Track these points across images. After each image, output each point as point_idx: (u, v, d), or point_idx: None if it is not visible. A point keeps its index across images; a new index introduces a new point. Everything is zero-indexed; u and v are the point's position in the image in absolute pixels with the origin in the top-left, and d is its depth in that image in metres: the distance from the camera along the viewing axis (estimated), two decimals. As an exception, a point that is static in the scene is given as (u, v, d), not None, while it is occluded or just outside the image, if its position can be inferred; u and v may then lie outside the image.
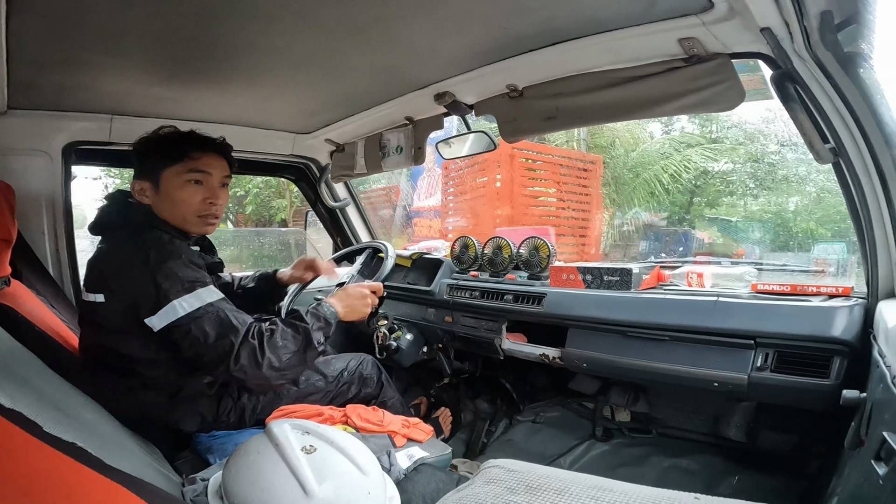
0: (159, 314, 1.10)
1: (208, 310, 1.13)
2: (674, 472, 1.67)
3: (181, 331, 1.10)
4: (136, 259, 1.13)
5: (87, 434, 0.78)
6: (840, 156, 1.10)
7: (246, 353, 1.11)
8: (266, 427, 0.88)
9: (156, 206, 1.28)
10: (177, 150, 1.28)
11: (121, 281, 1.14)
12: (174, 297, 1.10)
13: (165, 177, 1.27)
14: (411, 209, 7.46)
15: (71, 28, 1.14)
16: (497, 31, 1.23)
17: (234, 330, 1.12)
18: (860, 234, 1.19)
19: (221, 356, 1.10)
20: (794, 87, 1.05)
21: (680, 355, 1.41)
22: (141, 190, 1.28)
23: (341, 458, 0.85)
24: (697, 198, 8.01)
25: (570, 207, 6.22)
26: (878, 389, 0.90)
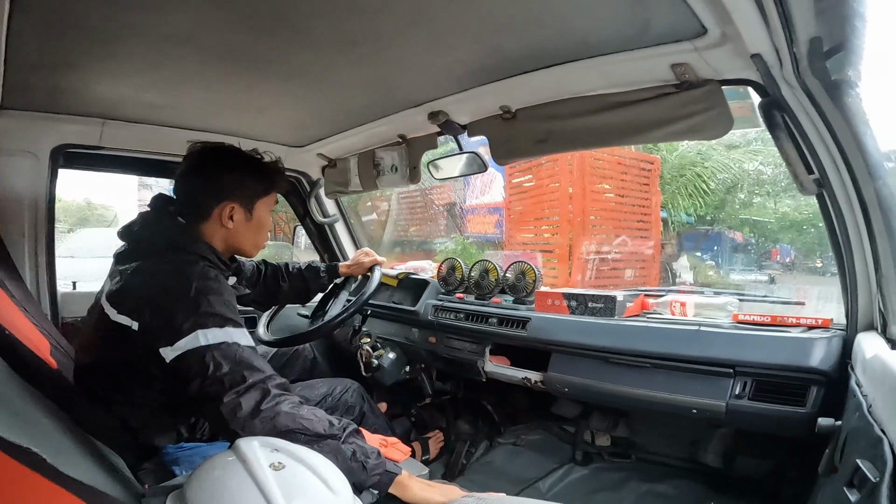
0: (178, 345, 1.00)
1: (231, 346, 1.02)
2: (651, 497, 1.66)
3: (193, 358, 1.00)
4: (178, 289, 1.05)
5: (46, 441, 0.75)
6: (824, 187, 1.12)
7: (254, 396, 0.98)
8: (234, 443, 0.86)
9: (239, 232, 1.23)
10: (272, 181, 1.28)
11: (154, 310, 1.05)
12: (200, 329, 1.01)
13: (260, 206, 1.25)
14: (464, 207, 7.77)
15: (69, 31, 1.15)
16: (491, 52, 1.25)
17: (252, 369, 1.01)
18: (840, 266, 1.21)
19: (221, 389, 0.97)
20: (781, 115, 1.07)
21: (660, 382, 1.41)
22: (230, 213, 1.21)
23: (311, 476, 0.82)
24: (731, 197, 8.06)
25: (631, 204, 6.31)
26: (854, 418, 0.91)
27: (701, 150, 7.95)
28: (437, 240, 8.40)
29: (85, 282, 2.16)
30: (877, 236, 1.07)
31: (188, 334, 1.00)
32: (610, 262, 5.96)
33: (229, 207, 1.20)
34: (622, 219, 6.20)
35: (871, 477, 0.68)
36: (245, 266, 1.70)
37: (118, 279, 1.14)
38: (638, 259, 6.20)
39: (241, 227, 1.23)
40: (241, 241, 1.25)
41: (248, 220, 1.24)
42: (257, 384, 0.99)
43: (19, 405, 0.82)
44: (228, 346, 1.02)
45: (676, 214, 7.45)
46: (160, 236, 1.17)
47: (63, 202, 16.47)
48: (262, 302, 1.83)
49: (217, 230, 1.22)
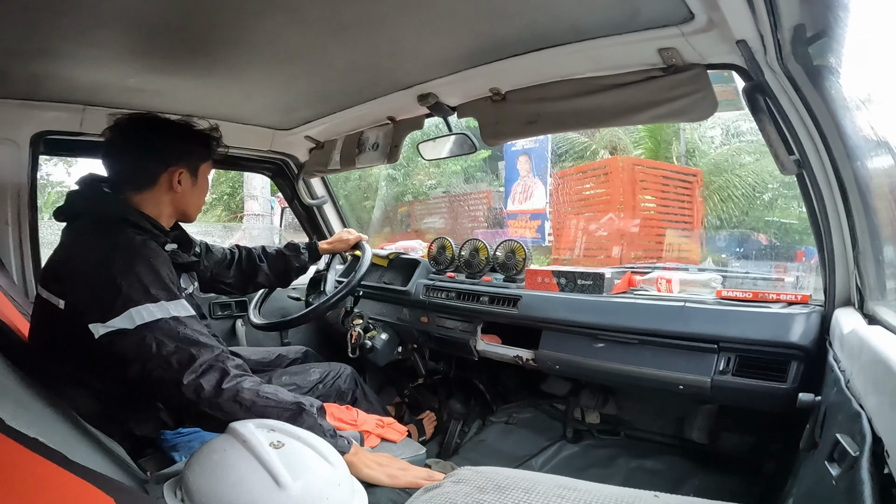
0: (110, 322, 0.96)
1: (170, 323, 0.99)
2: (640, 473, 1.71)
3: (130, 340, 0.96)
4: (100, 262, 1.02)
5: (49, 429, 0.76)
6: (804, 167, 1.15)
7: (212, 373, 0.97)
8: (228, 427, 0.87)
9: (184, 196, 1.25)
10: (211, 145, 1.31)
11: (80, 285, 1.03)
12: (133, 306, 0.97)
13: (203, 170, 1.29)
14: (505, 212, 7.94)
15: (47, 17, 1.11)
16: (481, 35, 1.24)
17: (199, 345, 0.99)
18: (819, 244, 1.24)
19: (174, 369, 0.95)
20: (764, 98, 1.10)
21: (647, 358, 1.45)
22: (178, 178, 1.22)
23: (309, 451, 0.85)
24: (758, 201, 8.19)
25: (673, 215, 6.59)
26: (832, 393, 0.94)
27: (731, 156, 8.10)
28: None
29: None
30: (854, 215, 1.11)
31: (120, 313, 0.97)
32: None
33: (178, 172, 1.22)
34: (665, 228, 6.44)
35: (850, 451, 0.70)
36: (215, 249, 1.70)
37: (52, 257, 1.16)
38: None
39: (187, 191, 1.25)
40: (188, 205, 1.27)
41: (193, 185, 1.27)
42: (214, 364, 0.99)
43: (19, 394, 0.83)
44: (167, 322, 0.99)
45: (710, 219, 7.63)
46: (87, 210, 1.17)
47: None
48: (239, 286, 1.80)
49: (161, 197, 1.22)
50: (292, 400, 1.03)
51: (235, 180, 10.84)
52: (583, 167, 7.64)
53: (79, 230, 1.15)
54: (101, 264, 1.02)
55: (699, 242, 6.70)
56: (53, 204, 15.02)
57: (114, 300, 0.97)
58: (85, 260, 1.06)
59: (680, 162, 8.32)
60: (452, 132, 1.80)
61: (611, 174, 6.15)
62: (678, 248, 6.40)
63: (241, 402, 0.98)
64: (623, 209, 6.01)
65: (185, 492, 0.79)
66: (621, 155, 7.92)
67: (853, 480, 0.65)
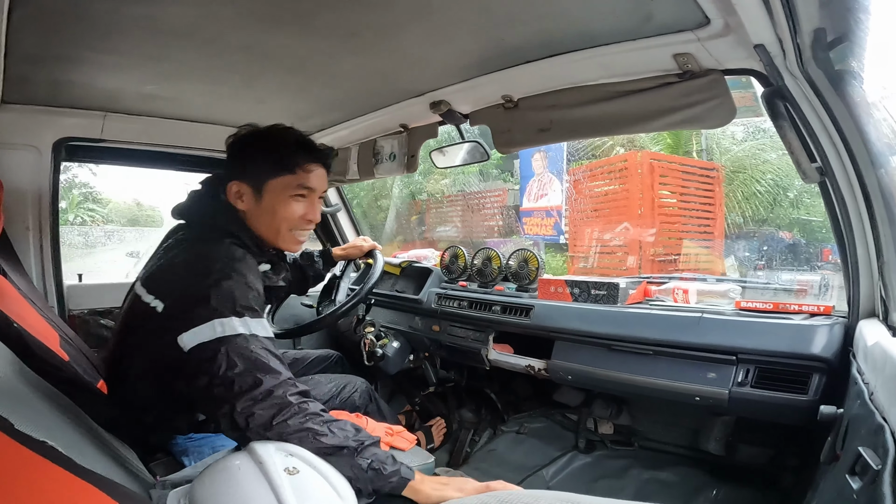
0: (194, 331, 0.95)
1: (248, 340, 0.96)
2: (653, 485, 1.67)
3: (206, 350, 0.94)
4: (198, 270, 1.02)
5: (60, 433, 0.77)
6: (826, 175, 1.12)
7: (270, 408, 0.91)
8: (248, 445, 0.87)
9: (250, 213, 1.17)
10: (292, 160, 1.17)
11: (178, 291, 1.02)
12: (217, 317, 0.96)
13: (271, 187, 1.17)
14: (521, 209, 7.98)
15: (69, 24, 1.14)
16: (492, 42, 1.24)
17: (267, 371, 0.94)
18: (843, 254, 1.21)
19: (233, 392, 0.91)
20: (784, 104, 1.07)
21: (663, 369, 1.42)
22: (238, 193, 1.17)
23: (322, 482, 0.83)
24: (781, 198, 8.09)
25: (694, 211, 6.55)
26: (856, 405, 0.92)
27: (754, 152, 8.04)
28: (489, 239, 8.71)
29: (93, 274, 2.17)
30: (878, 224, 1.07)
31: (205, 321, 0.95)
32: (675, 263, 6.17)
33: (236, 186, 1.17)
34: (685, 223, 6.47)
35: (872, 464, 0.68)
36: None
37: (155, 258, 1.15)
38: (701, 262, 6.49)
39: (252, 209, 1.18)
40: (257, 226, 1.19)
41: (257, 202, 1.17)
42: (274, 393, 0.92)
43: (33, 398, 0.84)
44: (245, 339, 0.96)
45: (728, 217, 7.56)
46: (199, 214, 1.18)
47: (114, 203, 16.87)
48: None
49: (252, 214, 1.18)
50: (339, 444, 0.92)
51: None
52: (599, 163, 7.60)
53: (187, 235, 1.17)
54: (199, 273, 1.02)
55: (720, 253, 6.64)
56: (78, 206, 15.43)
57: (201, 310, 0.96)
58: (187, 267, 1.06)
59: (700, 157, 8.26)
60: (465, 140, 1.80)
61: (629, 169, 6.11)
62: (696, 258, 6.36)
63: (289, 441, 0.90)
64: (642, 204, 5.97)
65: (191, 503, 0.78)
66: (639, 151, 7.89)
67: (875, 494, 0.64)
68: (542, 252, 7.06)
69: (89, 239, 11.60)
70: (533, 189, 7.67)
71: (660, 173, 6.10)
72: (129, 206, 18.48)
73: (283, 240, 1.22)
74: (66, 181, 10.25)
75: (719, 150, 8.55)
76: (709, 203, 6.59)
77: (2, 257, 1.53)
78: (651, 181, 5.93)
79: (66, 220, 12.86)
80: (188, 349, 0.95)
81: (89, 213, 15.75)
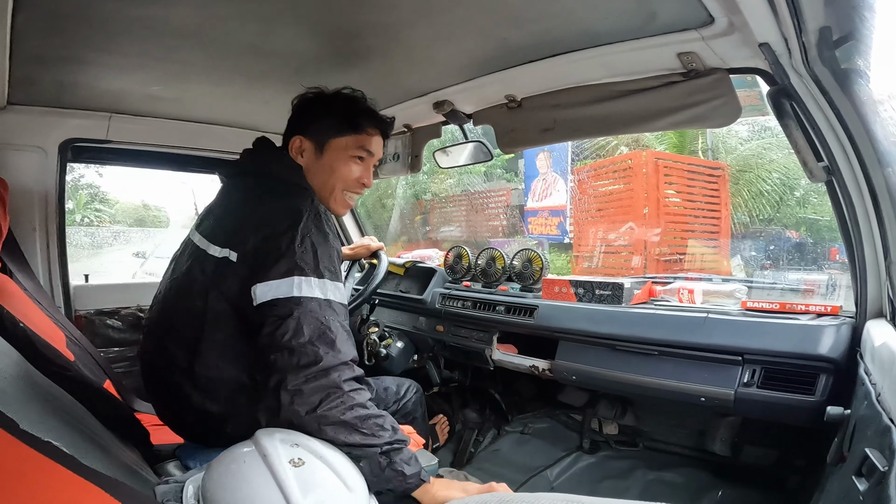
0: (270, 284, 0.92)
1: (322, 304, 0.93)
2: (658, 486, 1.67)
3: (278, 311, 0.91)
4: (286, 221, 0.98)
5: (65, 433, 0.77)
6: (833, 174, 1.11)
7: (319, 391, 0.88)
8: (255, 435, 0.87)
9: (309, 169, 1.16)
10: (357, 121, 1.17)
11: (260, 239, 0.98)
12: (297, 274, 0.93)
13: (334, 145, 1.16)
14: (525, 209, 7.98)
15: (73, 25, 1.15)
16: (495, 42, 1.24)
17: (332, 346, 0.91)
18: (850, 254, 1.20)
19: (291, 365, 0.88)
20: (790, 103, 1.06)
21: (668, 370, 1.41)
22: (300, 148, 1.16)
23: (329, 473, 0.83)
24: (788, 196, 8.05)
25: (700, 210, 6.56)
26: (863, 406, 0.91)
27: (760, 151, 8.00)
28: (493, 239, 8.71)
29: (100, 275, 2.19)
30: (886, 223, 1.06)
31: (283, 276, 0.93)
32: (681, 263, 6.17)
33: (298, 141, 1.17)
34: (691, 222, 6.46)
35: (879, 466, 0.68)
36: None
37: (219, 213, 1.12)
38: (707, 261, 6.49)
39: (311, 164, 1.16)
40: (315, 183, 1.16)
41: (317, 158, 1.16)
42: (330, 375, 0.89)
43: (38, 398, 0.84)
44: (319, 304, 0.93)
45: (734, 216, 7.53)
46: (270, 165, 1.16)
47: (121, 203, 17.04)
48: None
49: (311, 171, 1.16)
50: (370, 443, 0.90)
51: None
52: (604, 162, 7.59)
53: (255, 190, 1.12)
54: (282, 223, 0.98)
55: (726, 252, 6.61)
56: (85, 206, 15.53)
57: (283, 262, 0.94)
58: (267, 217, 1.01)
59: (706, 157, 8.23)
60: (468, 140, 1.79)
61: (634, 168, 6.11)
62: (702, 258, 6.34)
63: (323, 430, 0.88)
64: (647, 203, 5.95)
65: (202, 495, 0.79)
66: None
67: (881, 496, 0.64)
68: (547, 252, 7.05)
69: (96, 239, 11.67)
70: (537, 189, 7.67)
71: (665, 172, 6.09)
72: (135, 207, 18.64)
73: (334, 200, 1.20)
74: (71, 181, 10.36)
75: (725, 149, 8.50)
76: (714, 202, 6.58)
77: (9, 258, 1.55)
78: (656, 180, 5.93)
79: (72, 221, 12.97)
80: (259, 302, 0.92)
81: (96, 214, 15.86)
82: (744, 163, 8.07)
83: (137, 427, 1.24)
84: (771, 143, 8.04)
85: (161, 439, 1.28)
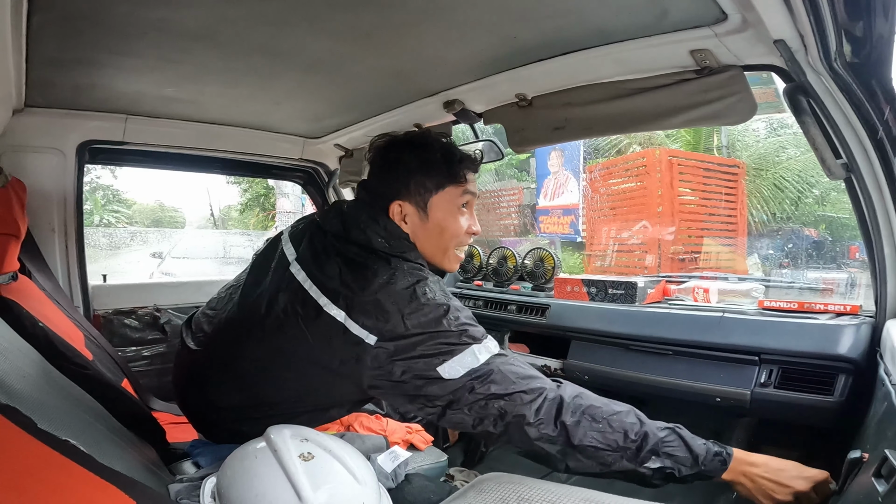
0: (456, 360, 0.91)
1: (501, 357, 0.95)
2: (672, 486, 1.64)
3: (477, 376, 0.91)
4: (433, 307, 0.95)
5: (82, 432, 0.78)
6: (852, 171, 1.09)
7: (549, 405, 0.91)
8: (266, 432, 0.88)
9: (416, 235, 1.07)
10: (456, 170, 1.09)
11: (415, 327, 0.93)
12: (474, 344, 0.93)
13: (437, 202, 1.07)
14: (537, 208, 8.04)
15: (88, 28, 1.16)
16: (506, 40, 1.23)
17: (529, 377, 0.94)
18: (870, 252, 1.18)
19: (522, 404, 0.90)
20: (807, 100, 1.03)
21: (682, 370, 1.40)
22: (402, 214, 1.06)
23: (338, 467, 0.84)
24: (807, 194, 7.93)
25: (715, 208, 6.54)
26: (882, 408, 0.89)
27: (777, 149, 7.87)
28: (505, 238, 8.74)
29: (118, 275, 2.22)
30: (906, 221, 1.04)
31: (463, 349, 0.92)
32: (696, 262, 6.16)
33: (398, 206, 1.07)
34: (706, 221, 6.44)
35: None
36: None
37: (342, 282, 0.98)
38: (723, 260, 6.46)
39: (417, 230, 1.07)
40: (424, 248, 1.08)
41: (423, 222, 1.07)
42: (546, 393, 0.92)
43: (56, 396, 0.86)
44: (499, 357, 0.95)
45: (753, 214, 7.45)
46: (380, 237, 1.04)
47: (138, 204, 17.28)
48: None
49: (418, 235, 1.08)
50: (621, 445, 0.93)
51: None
52: (617, 160, 7.57)
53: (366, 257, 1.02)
54: (431, 308, 0.95)
55: (743, 251, 6.52)
56: (103, 207, 15.77)
57: (453, 339, 0.93)
58: (412, 300, 0.95)
59: (721, 154, 8.13)
60: (479, 139, 1.79)
61: (647, 166, 6.10)
62: (717, 256, 6.26)
63: (566, 441, 0.91)
64: (661, 202, 5.90)
65: (218, 491, 0.80)
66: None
67: None
68: (559, 251, 7.02)
69: (113, 240, 11.90)
70: (549, 187, 7.68)
71: (679, 171, 6.04)
72: (152, 208, 18.95)
73: (448, 259, 1.12)
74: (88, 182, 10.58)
75: (742, 146, 8.38)
76: (731, 200, 6.53)
77: (28, 259, 1.58)
78: (670, 178, 5.89)
79: (91, 222, 13.21)
80: (454, 378, 0.91)
81: (114, 215, 16.17)
82: (761, 160, 7.96)
83: (154, 426, 1.26)
84: (789, 140, 7.92)
85: (177, 437, 1.29)
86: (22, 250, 1.43)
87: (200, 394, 1.12)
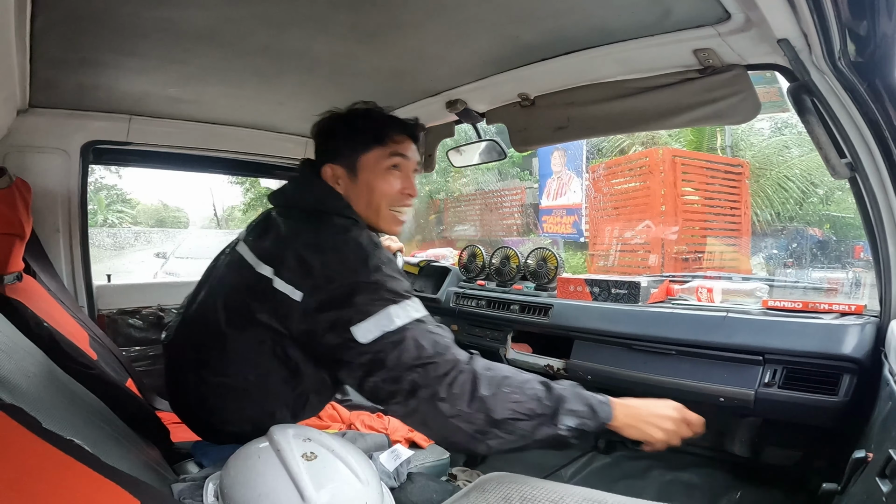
0: (372, 321, 0.89)
1: (425, 321, 0.93)
2: (675, 486, 1.65)
3: (391, 339, 0.89)
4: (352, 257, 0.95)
5: (87, 431, 0.79)
6: (856, 171, 1.08)
7: (464, 379, 0.87)
8: (269, 431, 0.88)
9: (349, 194, 1.11)
10: (380, 132, 1.13)
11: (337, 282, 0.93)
12: (392, 304, 0.91)
13: (364, 163, 1.11)
14: (540, 208, 8.07)
15: (92, 28, 1.17)
16: (508, 40, 1.23)
17: (447, 348, 0.91)
18: (874, 252, 1.17)
19: (435, 377, 0.87)
20: (811, 99, 1.03)
21: (686, 370, 1.39)
22: (333, 176, 1.11)
23: (341, 467, 0.84)
24: (811, 193, 7.90)
25: (719, 208, 6.52)
26: (887, 407, 0.89)
27: (781, 148, 7.83)
28: (507, 238, 8.73)
29: (122, 275, 2.23)
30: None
31: (380, 309, 0.90)
32: (699, 261, 6.13)
33: (330, 169, 1.12)
34: (710, 220, 6.41)
35: None
36: None
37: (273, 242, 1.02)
38: (727, 260, 6.44)
39: (349, 190, 1.11)
40: (357, 207, 1.11)
41: (353, 182, 1.11)
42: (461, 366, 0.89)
43: (61, 396, 0.86)
44: (422, 321, 0.92)
45: (757, 213, 7.42)
46: (309, 200, 1.10)
47: (142, 205, 17.31)
48: None
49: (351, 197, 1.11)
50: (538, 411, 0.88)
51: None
52: (620, 160, 7.54)
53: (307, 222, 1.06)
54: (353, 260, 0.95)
55: (747, 250, 6.50)
56: (107, 207, 15.79)
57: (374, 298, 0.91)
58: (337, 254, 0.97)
59: (724, 154, 8.11)
60: (482, 138, 1.79)
61: (650, 166, 6.09)
62: (721, 256, 6.24)
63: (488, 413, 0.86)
64: (664, 201, 5.89)
65: (221, 491, 0.81)
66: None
67: None
68: (561, 251, 7.01)
69: (118, 240, 11.95)
70: (552, 187, 7.68)
71: (682, 170, 6.03)
72: (156, 208, 19.01)
73: (384, 219, 1.14)
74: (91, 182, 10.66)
75: (746, 145, 8.35)
76: (734, 200, 6.50)
77: (32, 259, 1.58)
78: (674, 178, 5.88)
79: (95, 222, 13.27)
80: (368, 341, 0.89)
81: (118, 215, 16.23)
82: (765, 159, 7.92)
83: (158, 425, 1.26)
84: (793, 140, 7.88)
85: (181, 437, 1.30)
86: (26, 250, 1.43)
87: (180, 392, 1.14)
